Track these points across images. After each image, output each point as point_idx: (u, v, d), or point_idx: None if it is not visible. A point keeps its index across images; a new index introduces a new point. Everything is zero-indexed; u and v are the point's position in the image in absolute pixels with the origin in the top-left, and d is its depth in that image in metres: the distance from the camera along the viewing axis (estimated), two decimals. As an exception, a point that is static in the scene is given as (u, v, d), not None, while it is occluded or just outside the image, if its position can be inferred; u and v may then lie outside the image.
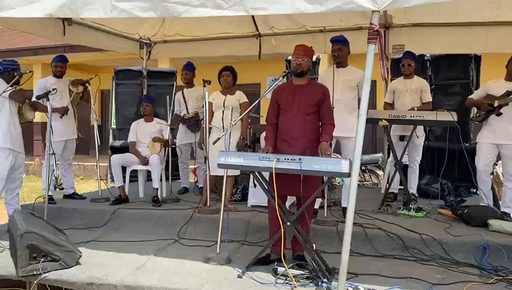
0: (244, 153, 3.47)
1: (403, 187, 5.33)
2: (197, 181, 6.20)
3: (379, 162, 7.90)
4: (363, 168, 8.31)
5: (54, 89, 4.71)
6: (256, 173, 3.37)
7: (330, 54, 4.63)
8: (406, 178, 5.32)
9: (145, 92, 7.00)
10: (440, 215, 4.70)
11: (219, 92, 4.95)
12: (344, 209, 4.57)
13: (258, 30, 6.51)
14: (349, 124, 4.43)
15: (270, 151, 3.54)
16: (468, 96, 4.88)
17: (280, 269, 3.27)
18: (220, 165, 3.32)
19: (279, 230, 3.36)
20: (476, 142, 4.73)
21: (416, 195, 5.49)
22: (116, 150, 6.61)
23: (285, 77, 3.68)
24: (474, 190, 6.02)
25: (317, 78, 5.42)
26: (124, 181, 5.29)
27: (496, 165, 8.46)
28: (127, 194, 5.23)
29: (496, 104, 4.50)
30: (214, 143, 3.75)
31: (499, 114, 4.49)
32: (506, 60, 4.69)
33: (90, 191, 6.31)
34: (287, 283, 3.13)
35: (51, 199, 5.07)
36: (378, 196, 5.64)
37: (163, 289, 3.05)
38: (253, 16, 6.23)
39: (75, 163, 11.53)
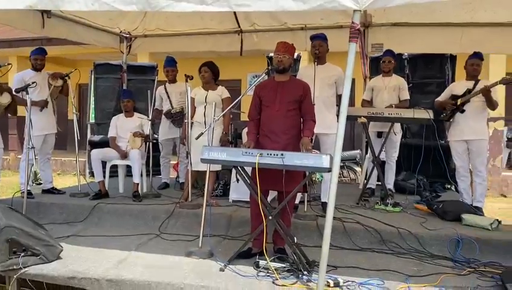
0: (228, 148, 3.51)
1: (380, 183, 5.47)
2: (178, 176, 6.20)
3: (357, 159, 8.04)
4: (342, 164, 8.38)
5: (33, 82, 4.65)
6: (239, 168, 3.40)
7: (310, 51, 4.69)
8: (383, 174, 5.44)
9: (124, 87, 6.94)
10: (416, 210, 4.84)
11: (201, 88, 4.96)
12: (323, 204, 4.66)
13: (239, 26, 6.53)
14: (328, 121, 4.52)
15: (251, 147, 3.58)
16: (436, 99, 5.06)
17: (262, 262, 3.32)
18: (204, 160, 3.35)
19: (261, 224, 3.42)
20: (449, 141, 4.90)
21: (393, 190, 5.63)
22: (95, 145, 6.55)
23: (267, 74, 3.72)
24: (449, 186, 6.22)
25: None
26: (104, 176, 5.25)
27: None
28: (106, 189, 5.20)
29: (459, 102, 4.70)
30: (196, 138, 3.77)
31: (463, 111, 4.71)
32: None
33: (69, 186, 6.23)
34: (268, 276, 3.19)
35: (29, 193, 5.01)
36: (356, 191, 5.75)
37: (145, 282, 3.07)
38: (235, 12, 6.25)
39: (52, 158, 11.34)
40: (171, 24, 6.53)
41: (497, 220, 4.19)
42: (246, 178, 3.48)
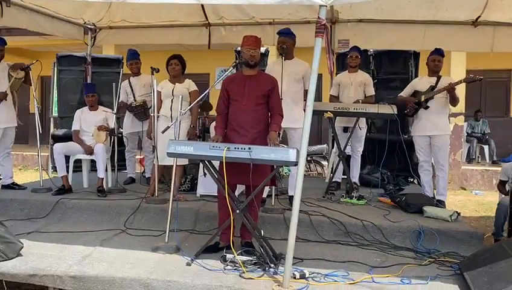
0: (195, 142, 3.48)
1: (346, 177, 5.56)
2: (144, 171, 6.11)
3: (324, 153, 8.15)
4: (309, 158, 8.54)
5: None
6: (206, 162, 3.39)
7: (276, 46, 4.71)
8: (349, 168, 5.53)
9: (89, 80, 6.77)
10: (380, 203, 4.96)
11: (168, 81, 4.90)
12: (291, 198, 4.70)
13: (207, 19, 6.48)
14: (296, 115, 4.56)
15: (219, 141, 3.57)
16: (398, 94, 5.18)
17: (229, 256, 3.32)
18: (170, 154, 3.32)
19: (228, 218, 3.42)
20: (412, 136, 5.03)
21: (358, 184, 5.75)
22: (58, 139, 6.36)
23: (235, 68, 3.71)
24: (412, 179, 6.41)
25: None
26: (68, 171, 5.12)
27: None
28: (70, 184, 5.07)
29: (422, 98, 4.83)
30: (163, 132, 3.73)
31: (427, 107, 4.84)
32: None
33: (30, 182, 6.04)
34: (235, 269, 3.20)
35: (-13, 189, 4.84)
36: (322, 185, 5.83)
37: (110, 277, 3.02)
38: (202, 5, 6.18)
39: (13, 152, 10.96)
40: (137, 16, 6.40)
41: (457, 212, 4.33)
42: (214, 172, 3.47)
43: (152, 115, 4.77)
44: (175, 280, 2.98)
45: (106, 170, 5.23)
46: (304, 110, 4.71)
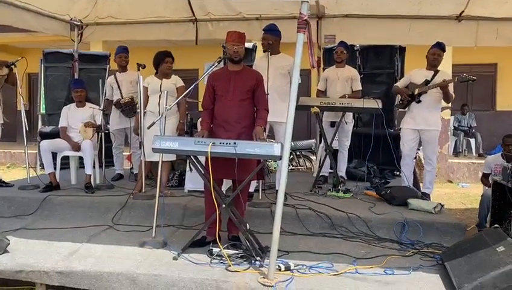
0: (180, 137, 3.51)
1: (332, 171, 5.62)
2: (132, 167, 6.12)
3: (312, 148, 8.20)
4: (298, 153, 8.60)
5: None
6: (192, 157, 3.42)
7: (261, 42, 4.75)
8: (336, 162, 5.59)
9: (76, 76, 6.75)
10: (366, 196, 5.02)
11: (154, 76, 4.90)
12: (277, 191, 4.74)
13: (194, 15, 6.48)
14: (282, 110, 4.54)
15: (205, 136, 3.61)
16: (394, 84, 5.21)
17: (215, 250, 3.36)
18: (155, 150, 3.35)
19: (214, 213, 3.46)
20: (400, 128, 5.07)
21: (345, 178, 5.82)
22: (45, 136, 6.32)
23: (220, 63, 3.73)
24: (398, 173, 6.47)
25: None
26: (55, 168, 5.11)
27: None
28: (58, 181, 5.07)
29: (416, 92, 4.86)
30: (148, 128, 3.75)
31: (419, 101, 4.86)
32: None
33: (18, 179, 6.02)
34: (221, 263, 3.24)
35: (-27, 187, 4.83)
36: (310, 179, 5.86)
37: (97, 272, 3.05)
38: (189, 1, 6.21)
39: (1, 150, 10.88)
40: (124, 12, 6.40)
41: (441, 204, 4.41)
42: (200, 167, 3.50)
43: (138, 111, 4.76)
44: (161, 274, 3.02)
45: (94, 167, 5.23)
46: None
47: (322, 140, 5.65)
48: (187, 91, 3.90)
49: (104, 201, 4.58)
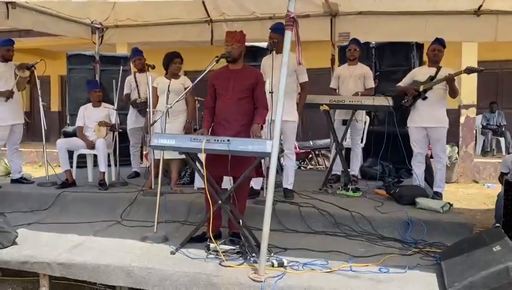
0: (177, 134, 3.59)
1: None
2: (149, 166, 6.26)
3: (330, 147, 8.14)
4: (317, 152, 8.58)
5: None
6: (189, 154, 3.49)
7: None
8: (347, 161, 5.54)
9: (97, 77, 6.98)
10: (376, 195, 4.96)
11: (163, 77, 5.02)
12: (285, 190, 4.77)
13: (209, 16, 6.58)
14: (287, 108, 4.59)
15: (205, 134, 3.68)
16: (397, 84, 5.13)
17: (212, 245, 3.42)
18: (153, 147, 3.44)
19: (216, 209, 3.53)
20: (408, 127, 4.98)
21: (359, 177, 5.75)
22: (69, 136, 6.56)
23: (227, 61, 3.79)
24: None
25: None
26: (72, 165, 5.32)
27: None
28: (74, 178, 5.27)
29: (421, 88, 4.76)
30: (151, 125, 3.86)
31: (425, 98, 4.76)
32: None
33: (41, 176, 6.27)
34: (217, 258, 3.30)
35: (-5, 183, 5.10)
36: (324, 177, 5.84)
37: (95, 265, 3.17)
38: (203, 2, 6.31)
39: (34, 150, 11.35)
40: (141, 14, 6.57)
41: (449, 203, 4.31)
42: (198, 164, 3.57)
43: (148, 110, 4.90)
44: (156, 267, 3.11)
45: (109, 165, 5.41)
46: (297, 103, 4.83)
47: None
48: (186, 90, 3.98)
49: (115, 197, 4.73)
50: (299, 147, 8.71)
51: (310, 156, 8.61)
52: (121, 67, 5.60)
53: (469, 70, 4.60)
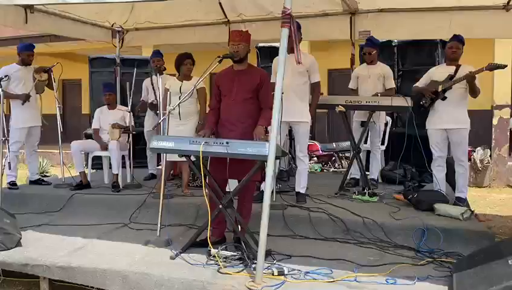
0: (176, 137, 3.52)
1: (367, 173, 5.36)
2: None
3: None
4: (340, 154, 8.35)
5: (5, 76, 4.78)
6: (190, 157, 3.41)
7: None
8: (363, 164, 5.33)
9: (118, 80, 7.04)
10: (394, 200, 4.73)
11: (175, 78, 4.99)
12: (297, 194, 4.62)
13: (226, 17, 6.51)
14: (299, 109, 4.49)
15: (207, 135, 3.59)
16: (414, 85, 4.87)
17: (213, 251, 3.33)
18: (153, 149, 3.38)
19: (216, 212, 3.44)
20: (427, 130, 4.71)
21: (378, 181, 5.53)
22: (90, 138, 6.65)
23: (221, 62, 3.68)
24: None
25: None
26: (88, 167, 5.36)
27: (474, 152, 8.48)
28: (88, 180, 5.31)
29: (439, 88, 4.50)
30: (153, 128, 3.82)
31: (444, 98, 4.49)
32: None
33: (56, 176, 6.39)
34: (216, 264, 3.19)
35: (14, 184, 5.19)
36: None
37: (93, 269, 3.13)
38: (220, 3, 6.25)
39: (64, 152, 11.61)
40: (159, 17, 6.56)
41: (470, 210, 4.05)
42: (202, 168, 3.47)
43: (158, 112, 4.86)
44: (152, 273, 3.03)
45: (124, 167, 5.42)
46: (310, 104, 4.67)
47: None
48: (190, 91, 3.91)
49: (126, 200, 4.72)
50: (322, 149, 8.52)
51: (334, 158, 8.38)
52: (135, 69, 5.58)
53: (491, 67, 4.29)
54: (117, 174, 5.20)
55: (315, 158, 8.43)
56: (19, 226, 3.73)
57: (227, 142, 3.13)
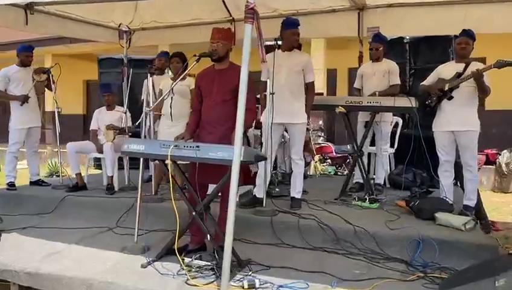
0: (147, 140, 3.39)
1: (371, 177, 5.09)
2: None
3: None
4: (349, 159, 8.03)
5: None
6: (164, 162, 3.27)
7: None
8: (368, 167, 5.05)
9: (125, 81, 7.00)
10: (396, 207, 4.42)
11: (169, 78, 4.87)
12: (292, 199, 4.40)
13: (231, 15, 6.34)
14: (295, 110, 4.28)
15: (186, 138, 3.45)
16: (420, 83, 4.54)
17: (186, 260, 3.17)
18: (123, 153, 3.25)
19: (192, 220, 3.28)
20: (433, 132, 4.38)
21: (384, 185, 5.23)
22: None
23: (199, 61, 3.52)
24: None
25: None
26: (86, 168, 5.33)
27: (499, 154, 7.98)
28: (85, 181, 5.26)
29: (446, 87, 4.16)
30: (135, 127, 3.69)
31: (450, 98, 4.14)
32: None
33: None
34: (185, 275, 3.03)
35: (12, 185, 5.21)
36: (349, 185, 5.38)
37: (60, 276, 3.05)
38: (224, 2, 6.10)
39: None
40: (163, 16, 6.47)
41: (474, 220, 3.71)
42: (180, 173, 3.34)
43: (146, 112, 4.74)
44: (117, 283, 2.91)
45: (122, 168, 5.35)
46: (306, 105, 4.43)
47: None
48: (163, 95, 3.78)
49: (117, 203, 4.62)
50: (336, 151, 8.22)
51: (348, 160, 8.07)
52: (131, 70, 5.50)
53: (500, 64, 3.92)
54: (111, 176, 5.12)
55: (329, 160, 8.16)
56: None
57: (197, 146, 2.97)
